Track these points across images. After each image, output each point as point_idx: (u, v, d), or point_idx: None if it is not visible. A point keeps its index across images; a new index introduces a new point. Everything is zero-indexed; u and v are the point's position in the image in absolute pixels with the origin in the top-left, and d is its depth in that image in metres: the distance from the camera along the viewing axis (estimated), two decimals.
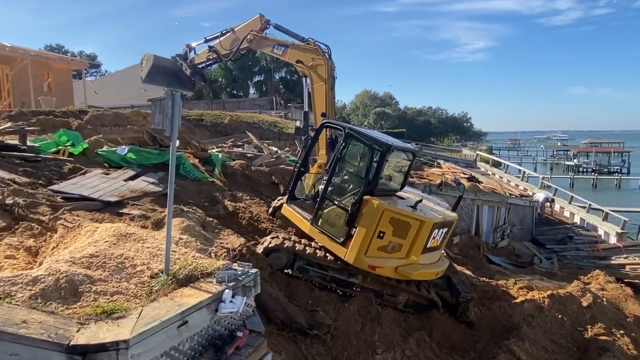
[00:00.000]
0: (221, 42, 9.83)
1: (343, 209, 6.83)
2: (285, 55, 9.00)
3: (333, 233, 6.85)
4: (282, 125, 21.42)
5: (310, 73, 8.50)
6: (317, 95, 8.45)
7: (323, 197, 7.10)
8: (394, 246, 6.61)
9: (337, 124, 7.85)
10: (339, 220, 6.88)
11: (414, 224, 6.53)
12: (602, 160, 62.33)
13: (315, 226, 7.05)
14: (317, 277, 6.95)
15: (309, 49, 8.61)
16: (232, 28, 9.76)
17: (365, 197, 6.56)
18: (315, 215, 7.08)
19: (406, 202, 7.07)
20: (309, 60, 8.49)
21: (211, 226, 6.94)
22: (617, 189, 47.15)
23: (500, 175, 26.22)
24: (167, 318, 3.21)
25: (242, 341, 3.79)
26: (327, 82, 8.32)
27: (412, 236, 6.58)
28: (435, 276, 7.20)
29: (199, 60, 10.31)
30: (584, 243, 15.11)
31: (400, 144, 7.81)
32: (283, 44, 9.03)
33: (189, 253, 4.60)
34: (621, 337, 7.24)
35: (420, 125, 69.63)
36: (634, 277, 11.96)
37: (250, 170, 11.01)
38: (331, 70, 8.38)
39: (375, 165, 6.72)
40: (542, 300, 7.63)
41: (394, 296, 7.11)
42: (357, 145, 7.39)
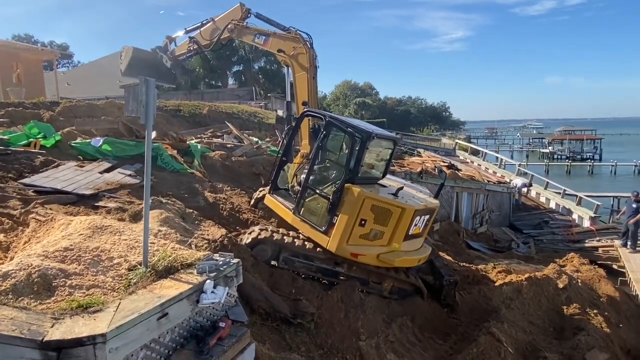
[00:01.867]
0: (202, 33, 9.61)
1: (325, 197, 6.81)
2: (266, 44, 8.87)
3: (315, 222, 6.83)
4: (262, 116, 21.18)
5: (292, 62, 8.38)
6: (299, 84, 8.35)
7: (305, 187, 7.05)
8: (375, 234, 6.62)
9: (318, 113, 7.74)
10: (320, 209, 6.86)
11: (395, 211, 6.55)
12: (575, 147, 64.03)
13: (298, 216, 7.03)
14: (302, 268, 6.91)
15: (290, 38, 8.48)
16: (212, 18, 9.56)
17: (347, 185, 6.54)
18: (297, 204, 7.05)
19: (388, 189, 7.07)
20: (290, 49, 8.36)
21: (191, 217, 6.83)
22: (590, 174, 48.58)
23: (478, 163, 26.68)
24: (146, 310, 3.13)
25: (225, 332, 3.74)
26: (309, 71, 8.22)
27: (394, 223, 6.59)
28: (418, 263, 7.24)
29: (180, 51, 10.08)
30: (559, 227, 15.57)
31: (381, 131, 7.77)
32: (264, 33, 8.89)
33: (169, 244, 4.49)
34: (595, 316, 7.48)
35: (400, 115, 69.98)
36: (607, 259, 12.41)
37: (230, 161, 10.86)
38: (313, 59, 8.28)
39: (356, 153, 6.68)
40: (520, 283, 7.81)
41: (379, 283, 7.17)
42: (338, 134, 7.33)
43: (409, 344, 6.50)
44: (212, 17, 9.61)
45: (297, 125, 7.87)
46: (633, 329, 8.16)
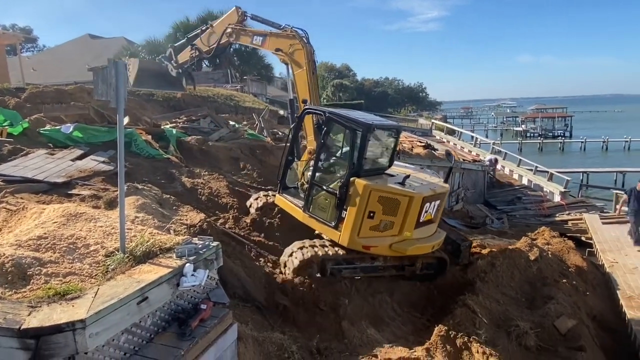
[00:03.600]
0: (202, 39, 9.73)
1: (332, 193, 6.85)
2: (264, 44, 8.87)
3: (325, 218, 6.90)
4: (238, 99, 20.86)
5: (290, 60, 8.35)
6: (299, 82, 8.33)
7: (312, 184, 7.11)
8: (385, 224, 6.67)
9: (317, 110, 7.68)
10: (329, 204, 6.91)
11: (403, 200, 6.58)
12: (547, 125, 65.73)
13: (308, 213, 7.10)
14: (348, 273, 7.02)
15: (286, 36, 8.45)
16: (211, 24, 9.80)
17: (352, 179, 6.58)
18: (306, 202, 7.13)
19: (395, 179, 7.09)
20: (288, 47, 8.33)
21: (169, 203, 6.77)
22: (561, 151, 50.14)
23: (454, 142, 27.13)
24: (126, 295, 3.13)
25: (207, 313, 3.78)
26: (308, 67, 8.18)
27: (403, 212, 6.63)
28: (432, 249, 7.32)
29: (183, 59, 10.20)
30: (531, 203, 16.09)
31: (382, 122, 7.81)
32: (261, 33, 8.88)
33: (146, 230, 4.46)
34: (564, 286, 7.85)
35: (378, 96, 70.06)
36: (576, 232, 12.93)
37: (207, 145, 10.73)
38: (310, 54, 8.24)
39: (358, 146, 6.69)
40: (493, 257, 8.09)
41: (412, 265, 7.43)
42: (339, 129, 7.34)
43: (388, 319, 6.70)
44: (210, 23, 9.85)
45: (299, 124, 7.84)
46: (599, 297, 8.61)
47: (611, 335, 7.57)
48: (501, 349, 5.86)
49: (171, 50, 10.37)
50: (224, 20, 9.57)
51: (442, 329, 5.92)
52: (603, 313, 8.09)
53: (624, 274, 9.18)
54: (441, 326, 5.99)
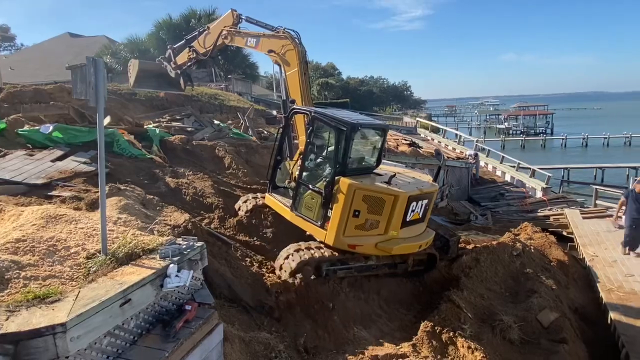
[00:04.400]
0: (199, 41, 9.84)
1: (318, 192, 6.86)
2: (258, 46, 8.93)
3: (311, 217, 6.91)
4: (222, 98, 20.68)
5: (282, 61, 8.38)
6: (291, 82, 8.35)
7: (299, 183, 7.12)
8: (371, 223, 6.67)
9: (303, 109, 7.68)
10: (315, 204, 6.91)
11: (388, 199, 6.57)
12: (529, 122, 67.02)
13: (295, 212, 7.12)
14: (343, 274, 7.00)
15: (279, 37, 8.48)
16: (208, 26, 9.88)
17: (337, 178, 6.58)
18: (294, 201, 7.15)
19: (381, 178, 7.08)
20: (280, 48, 8.35)
21: (152, 204, 6.67)
22: (543, 148, 51.14)
23: (438, 140, 27.40)
24: (108, 297, 3.08)
25: (191, 314, 3.74)
26: (300, 68, 8.21)
27: (388, 211, 6.62)
28: (419, 249, 7.30)
29: (182, 60, 10.30)
30: (514, 199, 16.36)
31: (368, 121, 7.82)
32: (255, 35, 8.97)
33: (129, 231, 4.39)
34: (546, 279, 7.99)
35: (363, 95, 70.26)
36: (557, 226, 13.20)
37: (191, 144, 10.62)
38: (302, 55, 8.26)
39: (343, 145, 6.69)
40: (477, 253, 8.21)
41: (404, 262, 7.49)
42: (325, 128, 7.33)
43: (375, 316, 6.73)
44: (208, 26, 9.94)
45: (287, 124, 7.82)
46: (580, 289, 8.80)
47: (592, 327, 7.74)
48: (486, 343, 5.94)
49: (170, 51, 10.43)
50: (219, 22, 9.67)
51: (428, 325, 5.98)
52: (584, 305, 8.27)
53: (603, 267, 9.40)
54: (427, 322, 6.04)
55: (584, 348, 6.73)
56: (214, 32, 9.54)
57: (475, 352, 5.68)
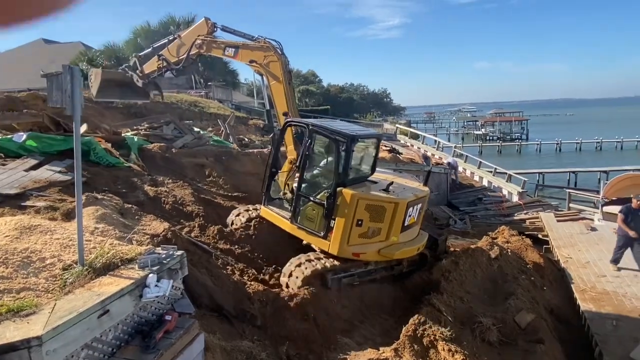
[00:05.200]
0: (169, 50, 9.35)
1: (319, 204, 6.96)
2: (237, 56, 8.72)
3: (313, 228, 7.00)
4: (203, 105, 20.54)
5: (265, 71, 8.31)
6: (275, 93, 8.32)
7: (298, 195, 7.19)
8: (373, 231, 6.85)
9: (300, 122, 7.75)
10: (317, 215, 7.00)
11: (389, 206, 6.79)
12: (505, 128, 68.61)
13: (296, 224, 7.19)
14: (347, 281, 7.11)
15: (260, 47, 8.39)
16: (178, 34, 9.42)
17: (339, 189, 6.72)
18: (293, 213, 7.21)
19: (378, 186, 7.32)
20: (262, 58, 8.28)
21: (130, 213, 6.58)
22: (518, 153, 52.34)
23: (418, 146, 27.82)
24: (85, 309, 3.03)
25: (171, 324, 3.70)
26: (284, 79, 8.20)
27: (389, 218, 6.83)
28: (417, 251, 7.63)
29: (150, 69, 9.73)
30: (491, 203, 16.70)
31: (364, 131, 8.05)
32: (233, 45, 8.72)
33: (107, 241, 4.32)
34: (523, 282, 8.21)
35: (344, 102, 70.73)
36: (533, 230, 13.55)
37: (171, 152, 10.51)
38: (286, 65, 8.26)
39: (343, 157, 6.83)
40: (456, 257, 8.35)
41: (399, 264, 7.74)
42: (322, 140, 7.41)
43: (357, 322, 6.76)
44: (178, 34, 9.47)
45: (282, 136, 7.85)
46: (555, 291, 9.05)
47: (567, 326, 7.97)
48: (466, 345, 6.04)
49: (136, 59, 9.92)
50: (192, 31, 9.32)
51: (409, 329, 6.05)
52: (559, 306, 8.50)
53: (577, 269, 9.69)
54: (408, 326, 6.11)
55: (559, 347, 6.91)
56: (187, 41, 9.17)
57: (456, 354, 5.77)
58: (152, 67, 9.65)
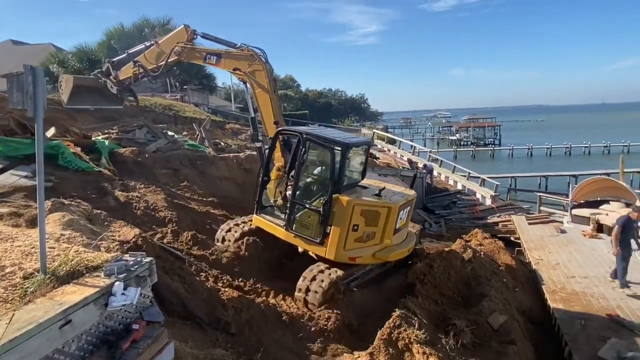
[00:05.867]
0: (146, 56, 9.11)
1: (315, 210, 7.06)
2: (219, 64, 8.62)
3: (309, 235, 7.09)
4: (178, 109, 20.20)
5: (250, 80, 8.29)
6: (260, 101, 8.32)
7: (293, 202, 7.25)
8: (368, 235, 7.04)
9: (292, 130, 7.81)
10: (312, 221, 7.11)
11: (383, 211, 7.02)
12: (478, 134, 70.37)
13: (291, 231, 7.26)
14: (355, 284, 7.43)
15: (244, 55, 8.34)
16: (155, 41, 9.17)
17: (335, 196, 6.86)
18: (288, 220, 7.28)
19: (370, 191, 7.55)
20: (246, 66, 8.26)
21: (100, 219, 6.39)
22: (492, 158, 53.71)
23: (394, 151, 28.15)
24: (46, 319, 2.88)
25: (139, 334, 3.58)
26: (270, 87, 8.21)
27: (383, 222, 7.05)
28: (408, 252, 7.89)
29: (125, 75, 9.42)
30: (465, 207, 17.03)
31: (355, 139, 8.20)
32: (215, 53, 8.61)
33: (71, 248, 4.16)
34: (496, 283, 8.36)
35: (322, 107, 71.15)
36: (505, 232, 13.88)
37: (143, 157, 10.27)
38: (270, 73, 8.29)
39: (338, 164, 6.97)
40: (431, 260, 8.44)
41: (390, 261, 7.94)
42: (317, 148, 7.51)
43: None
44: (155, 40, 9.21)
45: (274, 145, 7.85)
46: (526, 292, 9.26)
47: (538, 326, 8.16)
48: (440, 347, 6.09)
49: (109, 65, 9.59)
50: (171, 38, 9.08)
51: (385, 333, 6.04)
52: (531, 307, 8.70)
53: (547, 270, 9.96)
54: (383, 330, 6.11)
55: (531, 348, 7.06)
56: (165, 48, 8.96)
57: (430, 357, 5.79)
58: (127, 73, 9.39)
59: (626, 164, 18.87)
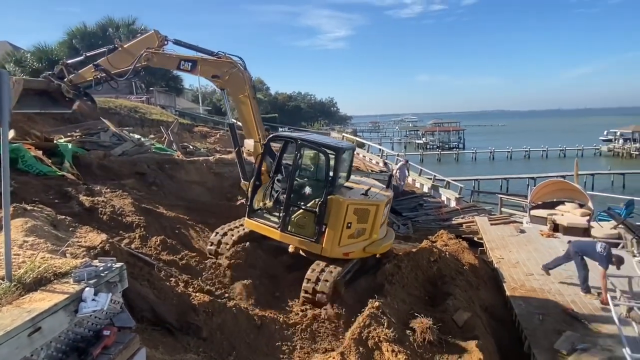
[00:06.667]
0: (110, 60, 8.59)
1: (310, 211, 7.55)
2: (195, 71, 8.42)
3: (305, 234, 7.58)
4: (144, 111, 19.73)
5: (229, 87, 8.33)
6: (242, 108, 8.41)
7: (288, 204, 7.66)
8: (359, 231, 7.73)
9: (287, 136, 8.34)
10: (308, 221, 7.58)
11: (372, 209, 7.77)
12: (444, 138, 72.47)
13: (287, 232, 7.68)
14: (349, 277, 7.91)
15: (222, 63, 8.31)
16: (120, 45, 8.68)
17: (329, 197, 7.42)
18: (283, 222, 7.68)
19: (357, 191, 8.22)
20: (225, 74, 8.26)
21: (64, 225, 6.21)
22: (456, 161, 55.46)
23: (363, 154, 28.55)
24: (14, 327, 2.83)
25: (110, 340, 3.55)
26: (249, 93, 8.31)
27: (372, 219, 7.79)
28: (390, 247, 8.82)
29: (81, 79, 8.81)
30: (431, 208, 17.51)
31: (345, 144, 8.78)
32: (190, 59, 8.42)
33: (37, 255, 4.06)
34: (460, 282, 8.69)
35: (291, 111, 71.18)
36: (469, 233, 14.39)
37: (109, 160, 10.02)
38: (250, 80, 8.41)
39: (332, 167, 7.60)
40: (399, 260, 8.69)
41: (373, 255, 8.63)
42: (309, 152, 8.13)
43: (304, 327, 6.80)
44: (120, 44, 8.70)
45: (267, 150, 8.20)
46: (489, 290, 9.67)
47: (500, 323, 8.54)
48: (408, 345, 6.31)
49: (63, 67, 8.90)
50: (140, 42, 8.71)
51: (355, 332, 6.20)
52: (493, 304, 9.09)
53: (508, 269, 10.44)
54: (354, 329, 6.27)
55: (493, 343, 7.39)
56: (133, 52, 8.59)
57: (399, 354, 5.99)
58: (85, 76, 8.84)
59: (580, 167, 19.96)
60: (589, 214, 13.35)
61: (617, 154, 54.29)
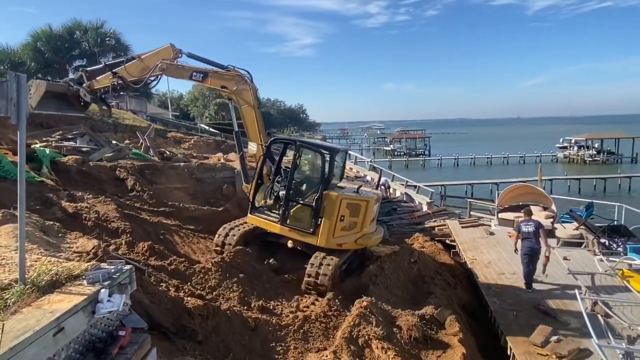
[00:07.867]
0: (127, 69, 9.21)
1: (308, 205, 8.39)
2: (205, 81, 9.28)
3: (303, 226, 8.39)
4: (116, 116, 19.27)
5: (237, 98, 9.17)
6: (246, 117, 9.25)
7: (287, 200, 8.50)
8: (351, 224, 8.49)
9: (287, 139, 9.41)
10: (305, 215, 8.41)
11: (363, 204, 8.54)
12: (410, 145, 74.25)
13: (286, 225, 8.48)
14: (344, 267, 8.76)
15: (231, 76, 9.12)
16: (138, 55, 9.36)
17: (325, 193, 8.25)
18: (283, 216, 8.51)
19: (349, 189, 9.02)
20: (233, 85, 9.11)
21: (54, 230, 6.15)
22: (423, 167, 56.98)
23: None
24: (41, 327, 2.88)
25: (126, 340, 3.62)
26: (255, 104, 9.18)
27: (363, 214, 8.54)
28: (380, 241, 9.66)
29: (100, 85, 9.37)
30: (405, 213, 18.04)
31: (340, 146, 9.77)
32: (202, 71, 9.21)
33: (45, 258, 4.07)
34: (439, 282, 9.12)
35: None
36: (442, 235, 14.95)
37: (87, 166, 9.82)
38: (255, 92, 9.25)
39: (328, 166, 8.44)
40: (381, 262, 9.02)
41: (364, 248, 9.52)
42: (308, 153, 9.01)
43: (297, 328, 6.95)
44: (138, 55, 9.37)
45: (268, 153, 9.03)
46: (465, 288, 10.17)
47: (477, 320, 9.00)
48: (396, 342, 6.59)
49: (82, 74, 9.48)
50: (156, 54, 9.27)
51: (345, 331, 6.43)
52: (470, 302, 9.57)
53: (481, 268, 10.96)
54: (344, 328, 6.49)
55: (472, 338, 7.81)
56: (149, 63, 9.20)
57: (389, 351, 6.27)
58: (103, 83, 9.39)
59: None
60: (553, 216, 14.20)
61: (572, 160, 57.48)
